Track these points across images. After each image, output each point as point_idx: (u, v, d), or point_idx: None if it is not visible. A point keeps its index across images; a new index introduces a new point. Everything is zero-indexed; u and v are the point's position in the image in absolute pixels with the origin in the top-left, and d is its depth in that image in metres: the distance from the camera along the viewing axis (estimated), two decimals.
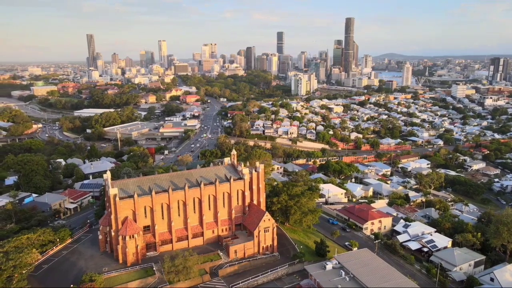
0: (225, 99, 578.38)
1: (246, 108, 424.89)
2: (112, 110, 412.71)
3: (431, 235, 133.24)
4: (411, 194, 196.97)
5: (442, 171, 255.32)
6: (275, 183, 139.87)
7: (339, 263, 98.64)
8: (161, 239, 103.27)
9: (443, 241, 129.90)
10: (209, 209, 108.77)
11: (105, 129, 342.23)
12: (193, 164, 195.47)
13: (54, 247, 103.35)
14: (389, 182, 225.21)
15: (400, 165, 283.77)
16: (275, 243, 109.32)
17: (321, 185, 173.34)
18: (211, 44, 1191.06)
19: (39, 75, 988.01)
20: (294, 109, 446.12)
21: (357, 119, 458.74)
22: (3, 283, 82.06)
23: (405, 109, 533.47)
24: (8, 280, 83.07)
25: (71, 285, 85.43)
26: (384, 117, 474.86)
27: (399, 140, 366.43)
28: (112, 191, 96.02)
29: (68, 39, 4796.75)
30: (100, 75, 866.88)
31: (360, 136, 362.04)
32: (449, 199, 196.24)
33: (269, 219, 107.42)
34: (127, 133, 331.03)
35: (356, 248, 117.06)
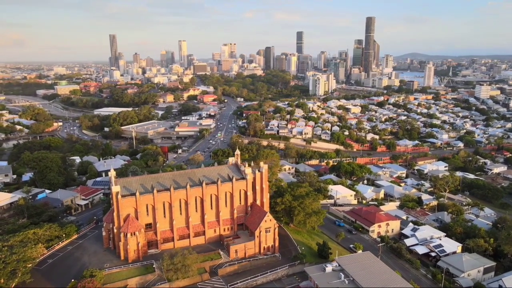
0: (242, 99, 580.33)
1: (261, 108, 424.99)
2: (130, 109, 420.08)
3: (440, 239, 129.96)
4: (424, 197, 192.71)
5: (460, 174, 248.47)
6: (282, 183, 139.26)
7: (339, 265, 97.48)
8: (162, 237, 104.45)
9: (452, 246, 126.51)
10: (211, 208, 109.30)
11: (122, 127, 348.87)
12: (204, 164, 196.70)
13: (60, 242, 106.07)
14: (402, 184, 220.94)
15: (416, 167, 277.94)
16: (277, 244, 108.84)
17: (330, 187, 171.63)
18: (231, 44, 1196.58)
19: (64, 75, 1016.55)
20: (310, 109, 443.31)
21: (374, 120, 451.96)
22: (7, 276, 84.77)
23: (425, 110, 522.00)
24: (12, 273, 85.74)
25: (72, 280, 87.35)
26: (403, 118, 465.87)
27: (416, 141, 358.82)
28: (115, 188, 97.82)
29: (93, 40, 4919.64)
30: (122, 75, 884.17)
31: (377, 137, 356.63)
32: (464, 203, 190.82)
33: (270, 220, 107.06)
34: (143, 132, 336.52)
35: (360, 251, 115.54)
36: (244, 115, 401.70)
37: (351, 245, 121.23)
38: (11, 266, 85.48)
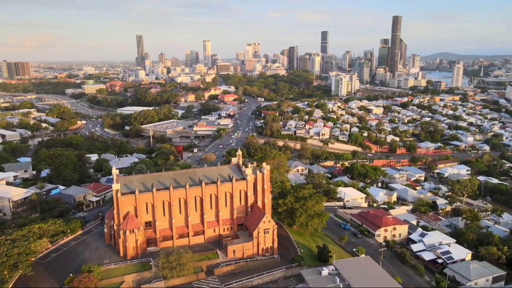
0: (263, 99, 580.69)
1: (280, 108, 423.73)
2: (150, 108, 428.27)
3: (449, 245, 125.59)
4: (441, 201, 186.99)
5: (483, 178, 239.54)
6: (287, 184, 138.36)
7: (336, 269, 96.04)
8: (162, 235, 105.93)
9: (461, 252, 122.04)
10: (211, 208, 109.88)
11: (142, 126, 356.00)
12: (215, 163, 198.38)
13: (65, 237, 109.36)
14: (418, 188, 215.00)
15: (436, 171, 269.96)
16: (276, 245, 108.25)
17: (339, 189, 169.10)
18: (255, 44, 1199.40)
19: (92, 74, 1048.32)
20: (330, 110, 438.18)
21: (397, 122, 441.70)
22: (9, 268, 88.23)
23: (451, 112, 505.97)
24: (15, 266, 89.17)
25: (71, 274, 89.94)
26: (427, 119, 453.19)
27: (439, 144, 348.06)
28: (115, 186, 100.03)
29: (121, 40, 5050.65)
30: (147, 74, 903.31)
31: (397, 139, 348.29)
32: (482, 209, 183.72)
33: (269, 221, 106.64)
34: (162, 131, 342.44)
35: (363, 255, 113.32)
36: (262, 115, 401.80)
37: (354, 249, 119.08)
38: (13, 259, 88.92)
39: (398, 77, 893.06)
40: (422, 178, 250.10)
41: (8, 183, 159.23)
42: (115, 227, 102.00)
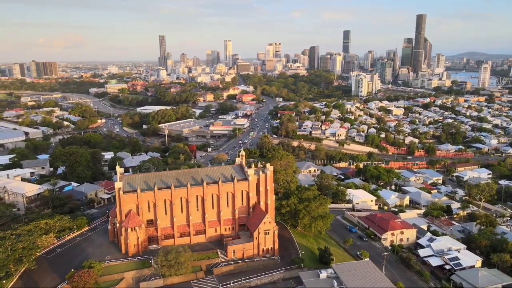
0: (281, 99, 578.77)
1: (297, 108, 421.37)
2: (169, 107, 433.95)
3: (458, 251, 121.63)
4: (455, 205, 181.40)
5: (505, 182, 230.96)
6: (291, 185, 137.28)
7: (335, 272, 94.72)
8: (163, 233, 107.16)
9: (470, 259, 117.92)
10: (212, 207, 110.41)
11: (159, 125, 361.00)
12: (227, 163, 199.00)
13: (71, 233, 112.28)
14: (434, 191, 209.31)
15: (455, 174, 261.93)
16: (276, 246, 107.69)
17: (349, 191, 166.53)
18: (276, 43, 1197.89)
19: (116, 74, 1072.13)
20: (348, 110, 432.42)
21: (417, 123, 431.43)
22: (14, 262, 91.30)
23: (475, 113, 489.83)
24: (19, 260, 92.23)
25: (72, 270, 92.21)
26: (450, 121, 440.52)
27: (460, 146, 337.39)
28: (117, 184, 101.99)
29: (145, 40, 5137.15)
30: (168, 74, 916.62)
31: (416, 140, 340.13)
32: (499, 214, 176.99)
33: (269, 222, 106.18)
34: (179, 130, 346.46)
35: (367, 259, 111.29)
36: (278, 115, 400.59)
37: (358, 252, 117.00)
38: (18, 253, 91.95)
39: (422, 77, 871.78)
40: (440, 181, 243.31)
41: (24, 179, 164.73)
42: (117, 225, 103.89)
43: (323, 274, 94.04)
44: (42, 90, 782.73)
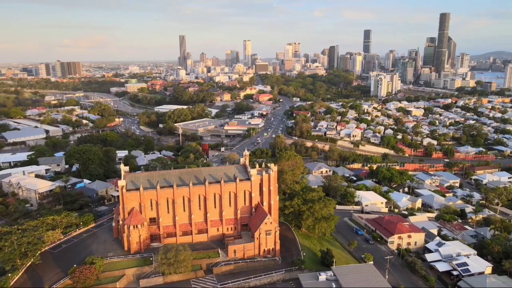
0: (298, 99, 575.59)
1: (313, 108, 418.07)
2: (185, 107, 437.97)
3: (467, 257, 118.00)
4: (470, 209, 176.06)
5: None
6: (299, 186, 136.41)
7: (334, 275, 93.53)
8: (166, 231, 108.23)
9: (480, 265, 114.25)
10: (215, 207, 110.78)
11: (175, 124, 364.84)
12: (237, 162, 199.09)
13: (77, 229, 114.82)
14: (450, 194, 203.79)
15: (473, 177, 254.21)
16: (278, 247, 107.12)
17: (358, 192, 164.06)
18: (295, 43, 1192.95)
19: (136, 73, 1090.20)
20: (365, 111, 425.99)
21: (437, 124, 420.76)
22: (19, 256, 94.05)
23: (499, 115, 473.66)
24: (24, 254, 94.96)
25: (74, 265, 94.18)
26: (472, 122, 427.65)
27: (480, 148, 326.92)
28: (120, 182, 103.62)
29: (166, 40, 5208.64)
30: (187, 74, 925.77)
31: (434, 142, 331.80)
32: None
33: (271, 222, 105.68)
34: (194, 129, 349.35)
35: (371, 262, 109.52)
36: (294, 115, 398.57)
37: (363, 255, 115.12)
38: (23, 248, 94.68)
39: (445, 77, 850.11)
40: (457, 184, 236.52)
41: (38, 176, 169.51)
42: (120, 222, 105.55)
43: (322, 276, 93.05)
44: (66, 89, 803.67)
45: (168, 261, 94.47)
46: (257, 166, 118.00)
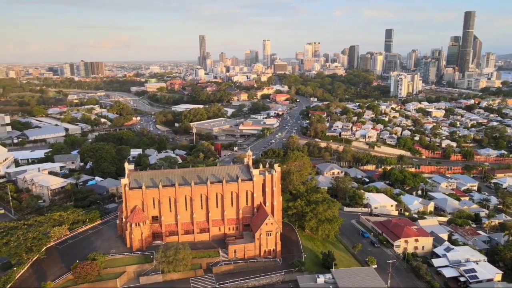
0: (315, 99, 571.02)
1: (329, 108, 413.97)
2: (201, 106, 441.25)
3: (477, 263, 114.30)
4: (485, 214, 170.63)
5: None
6: (304, 187, 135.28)
7: (333, 277, 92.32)
8: (168, 230, 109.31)
9: (489, 272, 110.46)
10: (216, 206, 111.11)
11: (191, 123, 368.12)
12: None
13: (84, 226, 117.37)
14: (465, 198, 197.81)
15: (493, 181, 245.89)
16: (278, 248, 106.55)
17: (367, 194, 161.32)
18: (314, 43, 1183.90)
19: (157, 73, 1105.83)
20: (383, 111, 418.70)
21: (458, 125, 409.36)
22: (25, 251, 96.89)
23: None
24: (30, 248, 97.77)
25: (77, 261, 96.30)
26: (495, 124, 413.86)
27: (502, 151, 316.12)
28: (123, 180, 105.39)
29: (187, 40, 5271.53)
30: (206, 73, 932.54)
31: (453, 144, 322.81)
32: None
33: (272, 223, 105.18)
34: (209, 129, 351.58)
35: (374, 266, 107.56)
36: (309, 115, 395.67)
37: (366, 259, 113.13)
38: (29, 242, 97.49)
39: (469, 77, 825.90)
40: (475, 188, 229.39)
41: (52, 173, 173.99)
42: (123, 220, 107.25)
43: (321, 279, 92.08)
44: (88, 88, 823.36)
45: (167, 259, 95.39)
46: (260, 166, 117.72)
